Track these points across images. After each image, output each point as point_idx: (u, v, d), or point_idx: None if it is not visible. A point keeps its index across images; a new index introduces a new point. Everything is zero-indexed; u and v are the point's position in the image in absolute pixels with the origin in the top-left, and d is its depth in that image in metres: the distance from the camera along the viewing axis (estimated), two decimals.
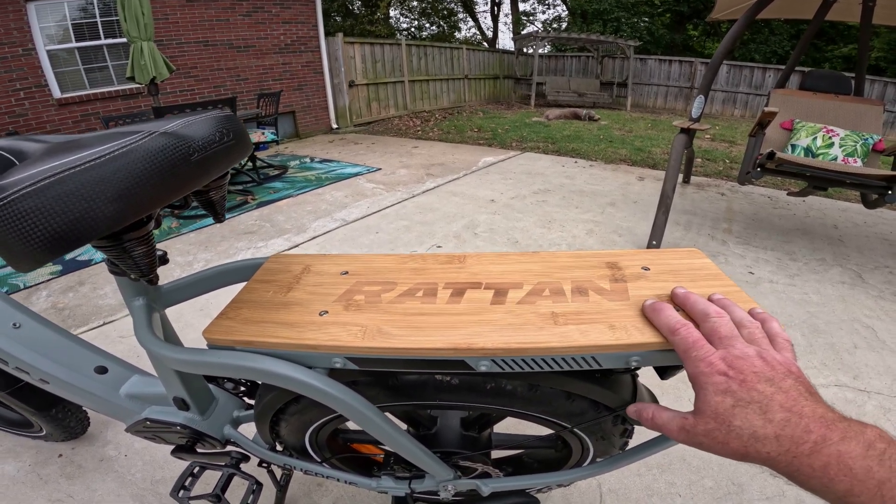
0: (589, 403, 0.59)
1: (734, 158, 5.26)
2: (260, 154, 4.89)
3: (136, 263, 0.51)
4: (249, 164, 4.35)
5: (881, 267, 2.68)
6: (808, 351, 1.89)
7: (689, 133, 2.89)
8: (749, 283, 2.39)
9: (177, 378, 0.68)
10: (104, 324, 1.95)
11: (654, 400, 0.62)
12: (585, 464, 0.73)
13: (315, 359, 0.51)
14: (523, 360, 0.47)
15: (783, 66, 10.11)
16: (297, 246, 2.78)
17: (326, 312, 0.53)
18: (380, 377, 0.59)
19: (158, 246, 0.59)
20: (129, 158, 0.41)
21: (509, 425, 0.96)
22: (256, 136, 4.18)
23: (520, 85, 12.31)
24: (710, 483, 1.25)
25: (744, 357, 0.38)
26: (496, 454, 0.87)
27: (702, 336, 0.41)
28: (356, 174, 4.35)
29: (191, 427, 0.74)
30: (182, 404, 0.72)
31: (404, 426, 0.82)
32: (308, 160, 5.02)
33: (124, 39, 4.15)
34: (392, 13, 17.02)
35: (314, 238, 2.90)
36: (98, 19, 4.71)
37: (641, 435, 0.63)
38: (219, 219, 0.64)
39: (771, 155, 2.46)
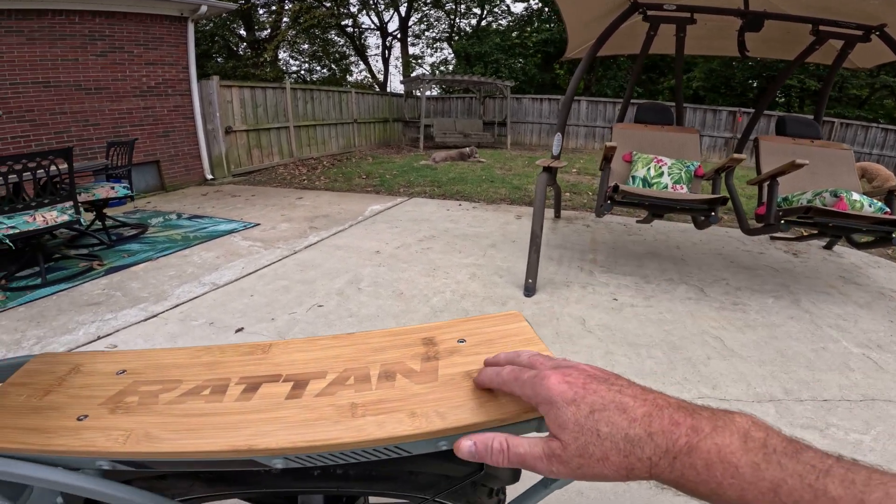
0: (439, 476, 0.58)
1: (596, 190, 5.91)
2: (112, 211, 4.29)
3: None
4: (98, 222, 3.78)
5: (719, 280, 3.11)
6: (670, 368, 2.06)
7: (550, 171, 3.10)
8: (614, 310, 2.60)
9: None
10: None
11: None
12: None
13: (77, 462, 0.47)
14: (320, 457, 0.44)
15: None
16: (155, 316, 2.46)
17: (87, 416, 0.49)
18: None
19: None
20: None
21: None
22: (105, 191, 3.68)
23: (409, 128, 12.54)
24: None
25: (572, 367, 0.37)
26: None
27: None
28: (231, 231, 4.01)
29: None
30: None
31: None
32: (174, 217, 4.52)
33: None
34: (281, 55, 16.58)
35: (177, 306, 2.58)
36: None
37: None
38: None
39: (616, 188, 2.76)
